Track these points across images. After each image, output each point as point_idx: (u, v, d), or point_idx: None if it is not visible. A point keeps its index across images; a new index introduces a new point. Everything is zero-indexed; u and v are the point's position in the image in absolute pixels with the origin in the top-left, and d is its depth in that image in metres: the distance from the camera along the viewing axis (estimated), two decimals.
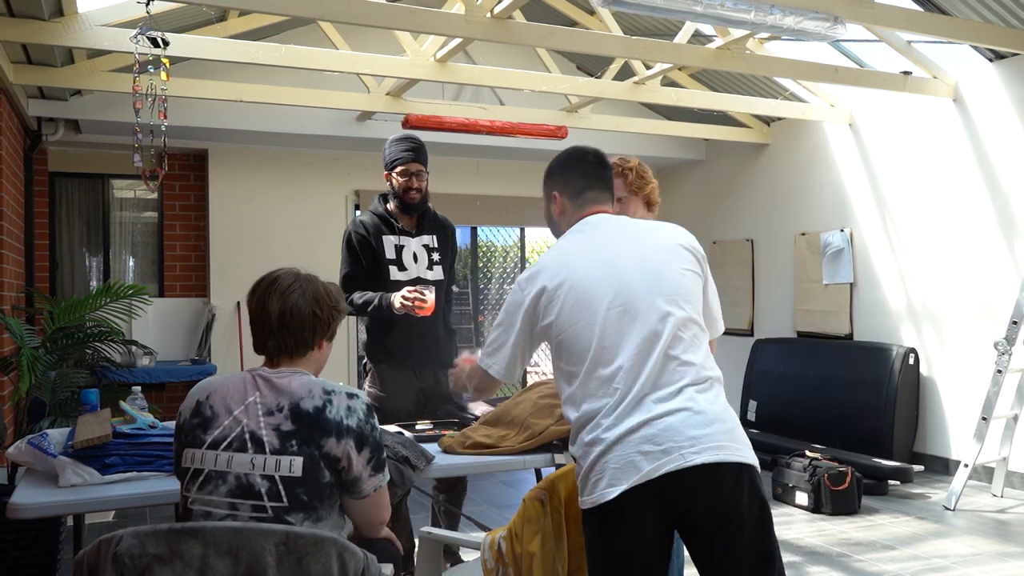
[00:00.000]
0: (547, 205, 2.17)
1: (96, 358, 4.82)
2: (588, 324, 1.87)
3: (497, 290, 8.82)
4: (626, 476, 1.75)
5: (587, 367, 1.86)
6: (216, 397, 1.85)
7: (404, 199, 3.38)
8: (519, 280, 2.03)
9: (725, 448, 1.78)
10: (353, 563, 1.57)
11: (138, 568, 1.47)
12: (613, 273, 1.91)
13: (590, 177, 2.10)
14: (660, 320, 1.85)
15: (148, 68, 3.64)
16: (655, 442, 1.75)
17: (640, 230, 2.03)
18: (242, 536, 1.50)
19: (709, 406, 1.81)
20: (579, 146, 2.17)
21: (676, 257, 1.96)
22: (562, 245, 2.05)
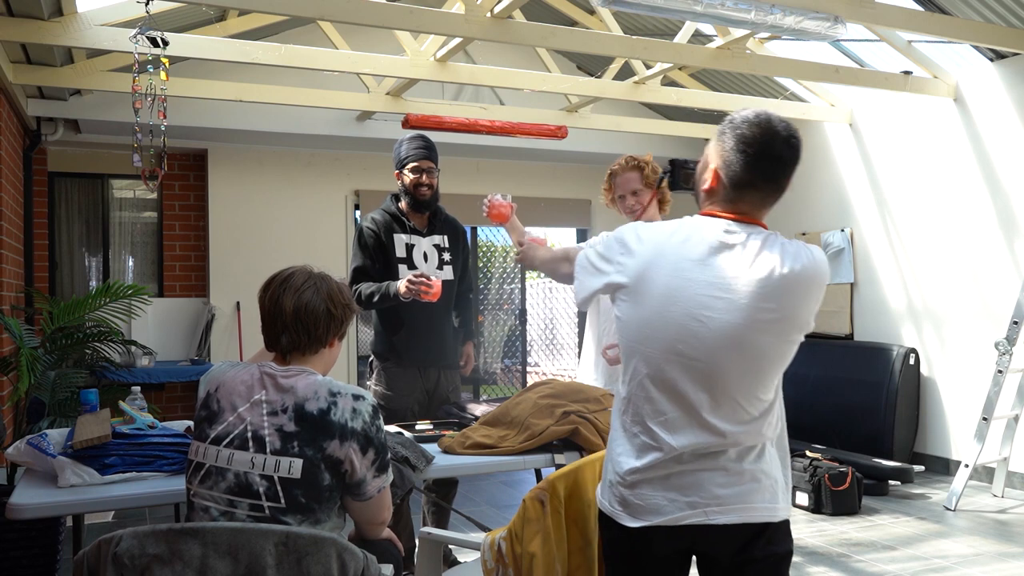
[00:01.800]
0: (701, 168, 1.78)
1: (95, 358, 4.81)
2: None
3: (497, 290, 8.82)
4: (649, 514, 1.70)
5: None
6: (224, 391, 1.85)
7: (415, 195, 3.40)
8: (623, 237, 1.76)
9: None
10: (353, 563, 1.57)
11: (138, 568, 1.47)
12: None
13: (759, 174, 1.68)
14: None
15: (148, 68, 3.64)
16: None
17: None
18: (242, 536, 1.50)
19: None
20: (772, 121, 1.67)
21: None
22: (670, 248, 1.69)
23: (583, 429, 2.53)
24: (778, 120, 1.68)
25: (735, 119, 1.69)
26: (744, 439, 1.67)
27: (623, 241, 1.75)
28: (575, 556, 1.97)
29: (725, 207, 1.71)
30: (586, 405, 2.62)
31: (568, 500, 1.97)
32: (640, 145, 7.09)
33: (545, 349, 10.13)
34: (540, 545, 1.89)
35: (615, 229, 1.85)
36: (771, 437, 1.73)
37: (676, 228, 1.71)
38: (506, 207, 3.16)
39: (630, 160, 3.12)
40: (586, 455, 2.26)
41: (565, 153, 7.37)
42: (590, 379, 3.20)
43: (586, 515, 1.99)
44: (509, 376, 8.91)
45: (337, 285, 1.97)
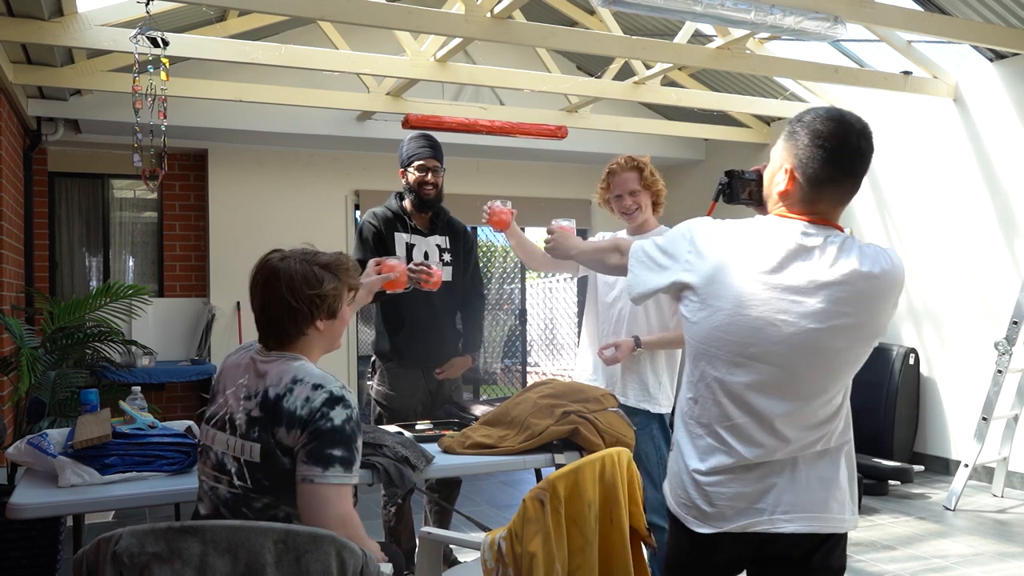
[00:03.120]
0: (772, 171, 1.72)
1: (96, 358, 4.81)
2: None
3: (497, 290, 8.83)
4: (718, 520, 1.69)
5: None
6: (224, 374, 1.97)
7: (419, 193, 3.39)
8: (693, 235, 1.71)
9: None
10: (352, 561, 1.57)
11: (137, 567, 1.47)
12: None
13: (839, 168, 1.61)
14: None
15: (148, 68, 3.64)
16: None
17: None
18: (241, 534, 1.50)
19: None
20: (846, 116, 1.60)
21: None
22: (742, 255, 1.65)
23: (583, 429, 2.53)
24: (850, 113, 1.62)
25: (805, 117, 1.64)
26: (812, 444, 1.65)
27: (692, 240, 1.71)
28: (575, 556, 1.97)
29: (802, 208, 1.65)
30: (586, 405, 2.62)
31: (568, 500, 1.97)
32: (640, 145, 7.10)
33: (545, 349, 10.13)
34: (540, 545, 1.89)
35: (679, 224, 1.79)
36: (839, 444, 1.69)
37: (750, 229, 1.68)
38: (506, 213, 3.18)
39: (630, 160, 3.12)
40: (586, 455, 2.26)
41: (565, 153, 7.37)
42: (588, 379, 3.20)
43: (586, 515, 1.99)
44: (509, 376, 8.91)
45: (303, 275, 1.89)
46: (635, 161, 3.12)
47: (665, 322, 3.06)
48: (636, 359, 3.05)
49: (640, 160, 3.13)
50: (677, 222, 2.11)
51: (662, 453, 3.09)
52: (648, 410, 3.06)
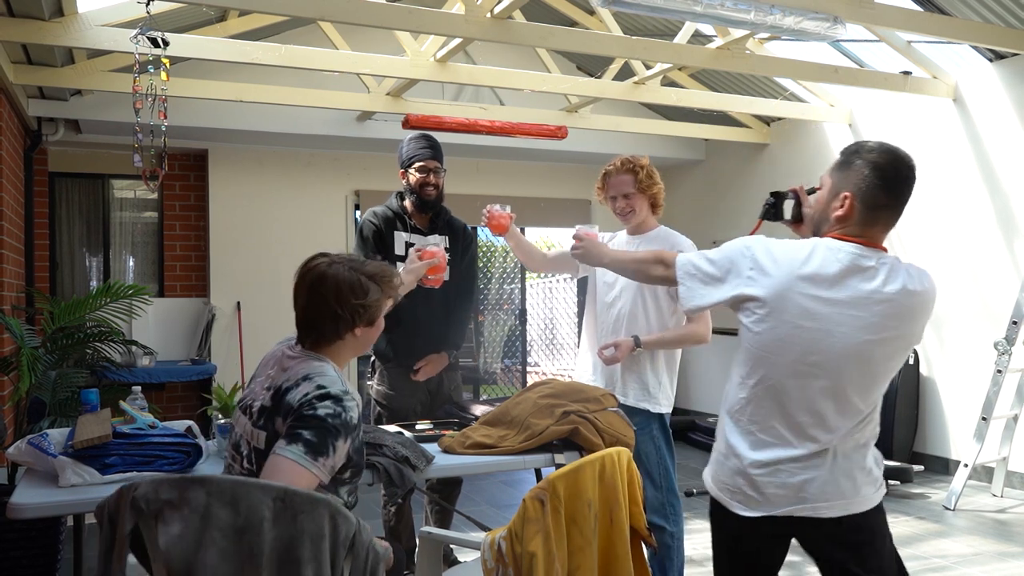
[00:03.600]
0: (828, 197, 1.91)
1: (96, 358, 4.81)
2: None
3: (497, 290, 8.83)
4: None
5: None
6: (262, 363, 2.10)
7: (420, 195, 3.39)
8: (753, 254, 1.88)
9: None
10: (345, 526, 1.65)
11: (153, 512, 1.60)
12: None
13: (894, 196, 1.86)
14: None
15: (148, 68, 3.64)
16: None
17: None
18: (243, 489, 1.61)
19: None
20: (897, 150, 1.86)
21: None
22: (809, 276, 1.82)
23: (583, 429, 2.53)
24: (899, 148, 1.88)
25: (861, 150, 1.87)
26: (850, 438, 1.87)
27: (754, 258, 1.88)
28: (575, 556, 1.97)
29: (857, 231, 1.87)
30: (586, 405, 2.63)
31: (568, 500, 1.97)
32: (640, 145, 7.10)
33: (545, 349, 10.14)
34: (540, 545, 1.90)
35: (736, 240, 1.95)
36: (871, 437, 1.93)
37: (811, 249, 1.86)
38: (505, 218, 3.19)
39: (625, 162, 3.11)
40: (586, 455, 2.27)
41: (565, 153, 7.37)
42: (588, 379, 3.20)
43: (586, 515, 1.99)
44: (509, 376, 8.91)
45: (351, 282, 1.97)
46: (631, 163, 3.10)
47: (664, 322, 3.06)
48: (636, 359, 3.06)
49: (637, 162, 3.11)
50: (678, 222, 2.14)
51: (662, 453, 3.09)
52: (648, 410, 3.06)
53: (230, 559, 1.58)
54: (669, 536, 3.06)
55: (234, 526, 1.59)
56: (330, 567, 1.62)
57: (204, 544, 1.58)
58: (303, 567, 1.58)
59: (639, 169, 3.08)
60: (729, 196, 7.66)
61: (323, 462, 1.81)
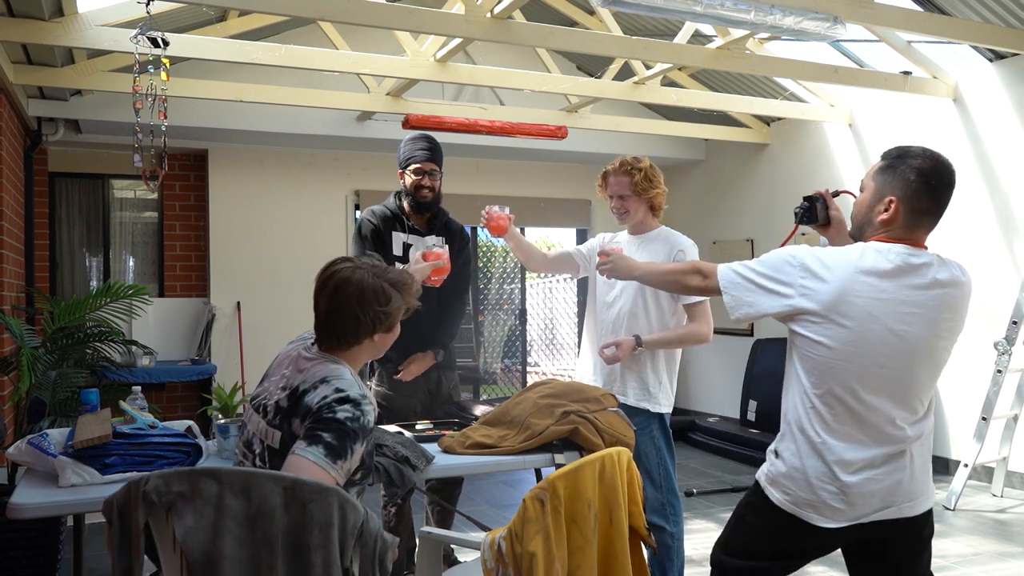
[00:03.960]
0: (873, 200, 1.96)
1: (96, 358, 4.82)
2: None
3: (497, 290, 8.83)
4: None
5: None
6: (277, 361, 2.11)
7: (416, 197, 3.39)
8: (803, 261, 1.89)
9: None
10: (353, 515, 1.69)
11: (164, 504, 1.63)
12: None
13: (937, 201, 1.94)
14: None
15: (148, 68, 3.64)
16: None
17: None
18: (254, 479, 1.65)
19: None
20: (939, 156, 1.94)
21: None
22: (865, 282, 1.86)
23: (583, 429, 2.53)
24: (940, 154, 1.94)
25: (905, 155, 1.92)
26: (922, 432, 1.94)
27: (805, 266, 1.89)
28: (575, 556, 1.97)
29: (902, 233, 1.93)
30: (586, 405, 2.63)
31: (568, 500, 1.97)
32: (640, 145, 7.10)
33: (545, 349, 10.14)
34: (540, 545, 1.90)
35: (776, 251, 1.97)
36: (931, 430, 1.99)
37: (861, 253, 1.90)
38: (504, 219, 3.19)
39: (624, 163, 3.11)
40: (586, 455, 2.27)
41: (565, 153, 7.37)
42: (589, 378, 3.20)
43: (586, 515, 1.99)
44: (509, 376, 8.91)
45: (375, 288, 2.00)
46: (628, 165, 3.10)
47: (665, 321, 3.06)
48: (636, 358, 3.06)
49: (635, 164, 3.10)
50: (678, 222, 2.14)
51: (662, 453, 3.09)
52: (648, 410, 3.06)
53: (246, 546, 1.62)
54: (669, 536, 3.06)
55: (247, 514, 1.63)
56: (339, 554, 1.66)
57: (220, 533, 1.61)
58: (312, 553, 1.63)
59: (635, 172, 3.07)
60: (729, 196, 7.66)
61: (341, 464, 1.84)
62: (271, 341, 6.66)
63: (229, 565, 1.61)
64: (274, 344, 2.17)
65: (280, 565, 1.62)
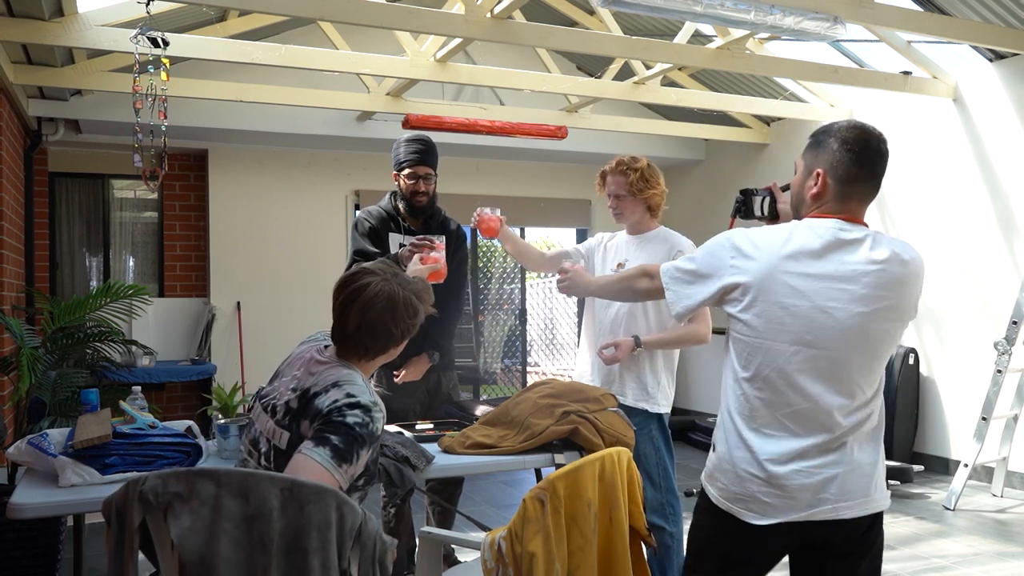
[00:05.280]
0: (803, 177, 1.91)
1: (96, 358, 4.82)
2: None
3: (497, 290, 8.83)
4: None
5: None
6: (290, 360, 2.10)
7: (412, 202, 3.37)
8: (733, 242, 1.85)
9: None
10: (351, 517, 1.68)
11: (161, 505, 1.62)
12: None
13: (866, 167, 1.83)
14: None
15: (148, 68, 3.64)
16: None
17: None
18: (252, 480, 1.65)
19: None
20: (865, 125, 1.86)
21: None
22: (790, 257, 1.79)
23: (583, 429, 2.53)
24: (867, 124, 1.88)
25: (829, 129, 1.88)
26: (862, 424, 1.82)
27: (735, 246, 1.85)
28: (575, 556, 1.97)
29: (835, 207, 1.85)
30: (586, 405, 2.63)
31: (568, 500, 1.97)
32: (640, 145, 7.09)
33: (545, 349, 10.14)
34: (540, 545, 1.90)
35: (714, 238, 1.91)
36: (879, 423, 1.87)
37: (790, 231, 1.84)
38: (495, 221, 3.19)
39: (620, 163, 3.11)
40: (586, 455, 2.27)
41: (565, 153, 7.37)
42: (587, 378, 3.20)
43: (586, 515, 1.99)
44: (509, 376, 8.91)
45: (406, 300, 2.00)
46: (624, 166, 3.09)
47: (664, 322, 3.06)
48: (635, 359, 3.06)
49: (631, 164, 3.09)
50: (678, 222, 2.14)
51: (661, 453, 3.09)
52: (647, 410, 3.06)
53: (242, 547, 1.62)
54: (669, 536, 3.06)
55: (244, 516, 1.62)
56: (337, 557, 1.65)
57: (216, 535, 1.61)
58: (310, 556, 1.62)
59: (631, 172, 3.07)
60: (729, 196, 7.61)
61: (346, 469, 1.83)
62: (271, 341, 6.67)
63: (225, 567, 1.60)
64: (274, 344, 2.17)
65: (277, 567, 1.61)
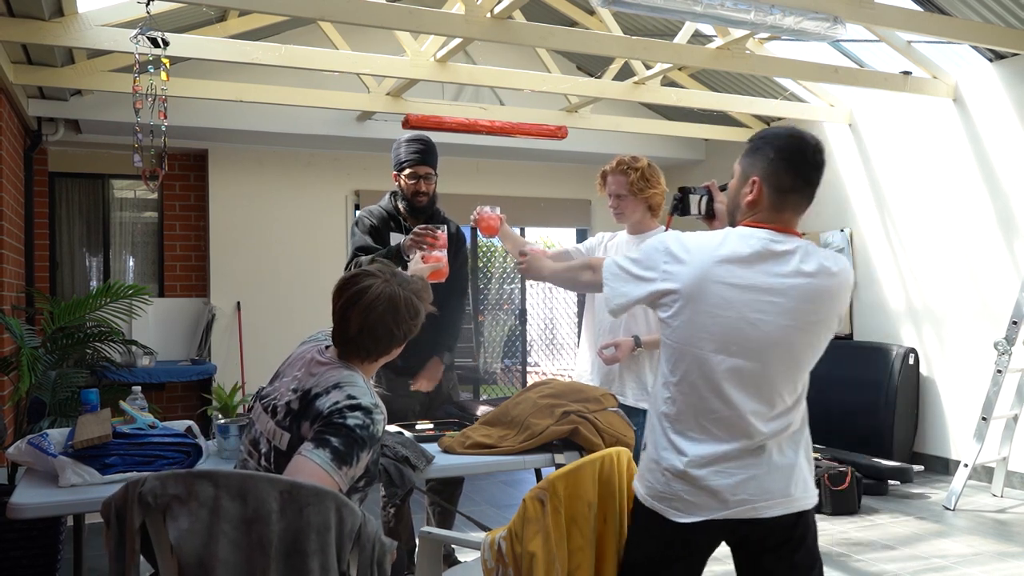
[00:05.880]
0: (739, 184, 1.91)
1: (96, 358, 4.81)
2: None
3: (497, 290, 8.83)
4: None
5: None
6: (291, 360, 2.09)
7: (412, 202, 3.37)
8: (667, 246, 1.85)
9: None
10: (351, 519, 1.67)
11: (160, 507, 1.62)
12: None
13: (801, 178, 1.84)
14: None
15: (148, 68, 3.64)
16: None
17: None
18: (250, 482, 1.65)
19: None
20: (803, 133, 1.86)
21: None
22: (721, 261, 1.80)
23: (583, 429, 2.53)
24: (805, 132, 1.87)
25: (767, 135, 1.87)
26: (783, 431, 1.83)
27: (668, 250, 1.85)
28: (575, 556, 1.97)
29: (768, 217, 1.85)
30: (586, 405, 2.63)
31: (568, 500, 1.97)
32: (640, 145, 7.09)
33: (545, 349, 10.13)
34: (540, 544, 1.90)
35: (651, 239, 1.92)
36: (800, 429, 1.89)
37: (723, 238, 1.84)
38: (495, 219, 3.18)
39: (620, 163, 3.10)
40: (586, 455, 2.27)
41: (565, 153, 7.37)
42: (587, 378, 3.20)
43: (586, 515, 1.99)
44: (509, 376, 8.91)
45: (407, 301, 2.01)
46: (625, 165, 3.09)
47: None
48: (635, 358, 3.06)
49: (631, 164, 3.09)
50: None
51: None
52: (647, 409, 3.05)
53: (241, 549, 1.61)
54: None
55: (243, 517, 1.61)
56: (336, 559, 1.65)
57: (215, 536, 1.60)
58: (309, 558, 1.62)
59: (631, 171, 3.07)
60: None
61: (346, 471, 1.83)
62: (271, 341, 6.67)
63: (223, 569, 1.59)
64: (274, 344, 2.17)
65: (276, 569, 1.60)
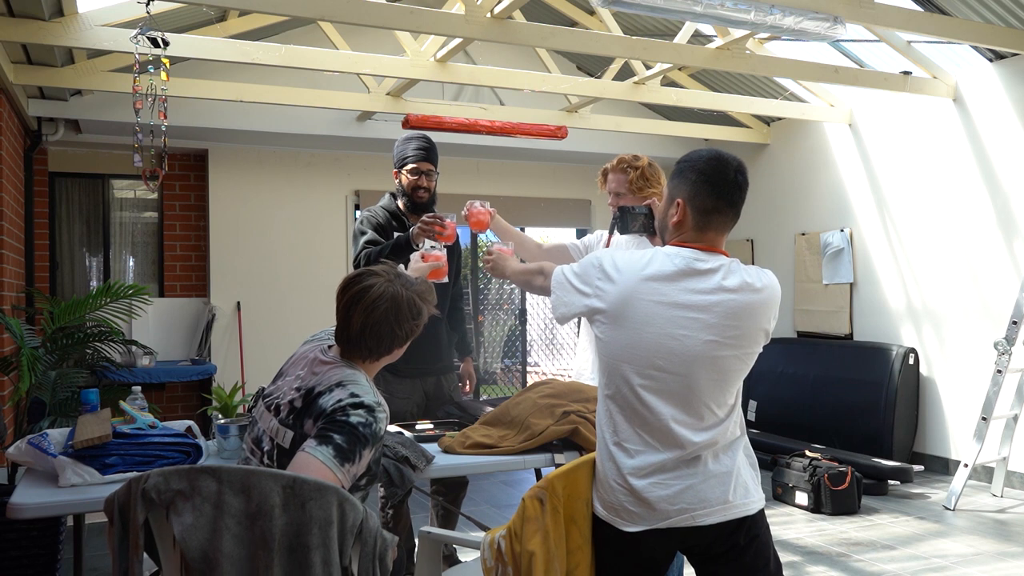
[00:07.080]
0: (665, 206, 1.98)
1: (96, 358, 4.82)
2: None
3: (497, 290, 8.83)
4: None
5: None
6: (294, 359, 2.10)
7: (412, 198, 3.39)
8: (601, 263, 1.91)
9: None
10: (353, 514, 1.68)
11: (164, 502, 1.63)
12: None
13: (723, 199, 1.90)
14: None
15: (148, 68, 3.64)
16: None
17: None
18: (253, 477, 1.65)
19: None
20: (724, 155, 1.93)
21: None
22: (647, 277, 1.86)
23: (583, 429, 2.53)
24: (727, 154, 1.94)
25: (691, 158, 1.94)
26: (715, 440, 1.88)
27: (601, 267, 1.91)
28: (574, 555, 1.97)
29: (693, 236, 1.92)
30: (586, 405, 2.63)
31: (567, 499, 1.97)
32: (640, 145, 7.10)
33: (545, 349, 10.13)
34: (539, 544, 1.90)
35: (591, 254, 2.00)
36: (736, 436, 1.94)
37: (650, 257, 1.90)
38: (485, 214, 3.18)
39: (621, 161, 3.10)
40: (586, 455, 2.27)
41: (565, 153, 7.37)
42: (586, 378, 3.19)
43: (585, 514, 2.00)
44: (509, 376, 8.91)
45: (410, 300, 2.02)
46: (625, 163, 3.08)
47: None
48: None
49: (632, 163, 3.08)
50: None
51: None
52: None
53: (245, 544, 1.62)
54: None
55: (246, 512, 1.63)
56: (338, 553, 1.66)
57: (218, 531, 1.61)
58: (312, 553, 1.63)
59: (631, 170, 3.06)
60: None
61: (348, 468, 1.83)
62: (271, 341, 6.67)
63: (227, 563, 1.60)
64: (274, 344, 2.17)
65: (279, 563, 1.62)
